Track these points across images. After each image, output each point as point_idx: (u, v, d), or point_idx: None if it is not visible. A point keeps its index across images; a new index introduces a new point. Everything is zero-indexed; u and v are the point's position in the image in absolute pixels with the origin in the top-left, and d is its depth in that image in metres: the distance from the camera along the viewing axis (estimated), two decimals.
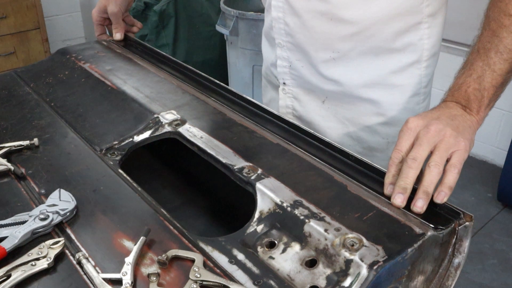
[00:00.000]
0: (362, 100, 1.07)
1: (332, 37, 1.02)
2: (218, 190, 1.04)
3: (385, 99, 1.06)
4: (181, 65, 1.16)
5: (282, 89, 1.16)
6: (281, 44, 1.09)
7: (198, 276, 0.61)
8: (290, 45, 1.08)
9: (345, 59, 1.04)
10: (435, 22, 1.03)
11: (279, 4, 1.05)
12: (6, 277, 0.61)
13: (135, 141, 0.90)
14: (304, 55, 1.07)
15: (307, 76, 1.09)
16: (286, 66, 1.12)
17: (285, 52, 1.10)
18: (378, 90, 1.06)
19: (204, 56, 3.12)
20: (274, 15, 1.07)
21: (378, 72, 1.05)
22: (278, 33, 1.08)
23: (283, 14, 1.05)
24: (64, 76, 1.15)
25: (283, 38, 1.08)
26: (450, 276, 0.66)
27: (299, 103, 1.15)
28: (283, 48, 1.09)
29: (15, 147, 0.88)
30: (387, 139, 1.09)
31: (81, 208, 0.74)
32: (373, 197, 0.72)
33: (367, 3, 0.97)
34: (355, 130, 1.09)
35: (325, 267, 0.62)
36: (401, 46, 1.03)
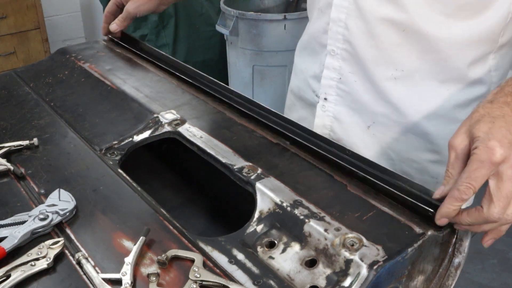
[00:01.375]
0: (417, 132, 0.95)
1: (400, 51, 0.90)
2: (218, 190, 1.04)
3: (443, 135, 0.93)
4: (181, 65, 1.16)
5: (322, 105, 1.02)
6: (334, 51, 0.96)
7: (197, 276, 0.61)
8: (346, 54, 0.95)
9: (409, 80, 0.92)
10: (502, 52, 0.92)
11: (343, 4, 0.92)
12: (6, 277, 0.61)
13: (135, 141, 0.90)
14: (360, 68, 0.95)
15: (358, 93, 0.97)
16: (334, 79, 0.99)
17: (337, 61, 0.97)
18: (437, 123, 0.93)
19: (204, 56, 3.11)
20: (334, 16, 0.94)
21: (441, 103, 0.92)
22: (333, 38, 0.95)
23: (345, 16, 0.92)
24: (64, 76, 1.15)
25: (339, 45, 0.95)
26: (450, 276, 0.66)
27: (340, 124, 1.01)
28: (335, 56, 0.96)
29: (14, 147, 0.88)
30: (436, 179, 0.97)
31: (80, 208, 0.74)
32: (373, 197, 0.72)
33: (450, 21, 0.85)
34: (401, 164, 0.98)
35: (325, 267, 0.62)
36: (472, 77, 0.91)
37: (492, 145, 0.60)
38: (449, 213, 0.63)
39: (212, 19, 3.04)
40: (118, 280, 0.61)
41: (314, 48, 1.04)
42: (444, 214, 0.63)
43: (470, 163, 0.61)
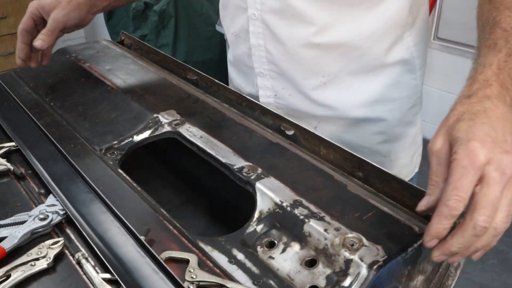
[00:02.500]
0: (360, 120, 1.00)
1: (320, 62, 0.95)
2: (217, 190, 1.04)
3: (384, 115, 1.00)
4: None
5: None
6: (263, 73, 1.00)
7: (194, 277, 0.61)
8: (274, 74, 0.99)
9: (336, 82, 0.97)
10: (416, 27, 0.97)
11: (258, 30, 0.96)
12: (6, 277, 0.61)
13: (135, 141, 0.90)
14: (290, 83, 1.00)
15: (296, 104, 1.02)
16: (270, 96, 1.03)
17: (268, 81, 1.01)
18: (376, 107, 0.99)
19: (204, 56, 3.11)
20: (254, 42, 0.98)
21: (373, 88, 0.98)
22: (258, 61, 0.99)
23: (263, 41, 0.96)
24: (64, 76, 1.15)
25: (265, 67, 0.99)
26: (450, 276, 0.66)
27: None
28: (265, 77, 1.00)
29: (14, 147, 0.88)
30: (389, 156, 1.03)
31: None
32: (373, 197, 0.72)
33: (355, 21, 0.91)
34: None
35: (324, 267, 0.62)
36: (393, 60, 0.97)
37: (473, 147, 0.54)
38: (439, 233, 0.55)
39: (212, 19, 3.04)
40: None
41: (243, 69, 1.07)
42: (434, 234, 0.55)
43: (452, 171, 0.54)
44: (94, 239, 0.66)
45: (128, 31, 3.06)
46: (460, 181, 0.53)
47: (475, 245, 0.55)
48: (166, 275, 0.59)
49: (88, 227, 0.68)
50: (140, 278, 0.60)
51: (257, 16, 0.95)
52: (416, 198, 0.70)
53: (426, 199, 0.58)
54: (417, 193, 0.70)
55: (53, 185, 0.77)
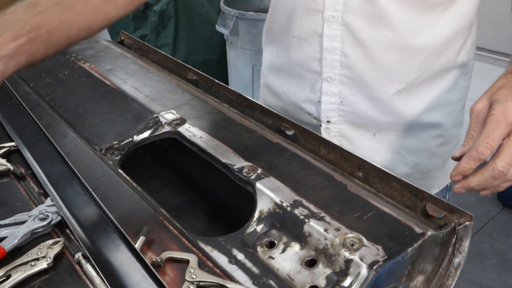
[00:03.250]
0: (423, 126, 0.99)
1: (401, 68, 0.94)
2: (218, 190, 1.04)
3: (444, 119, 1.00)
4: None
5: (326, 128, 1.02)
6: (332, 78, 0.96)
7: (194, 277, 0.61)
8: (344, 79, 0.96)
9: (410, 89, 0.96)
10: (473, 29, 0.98)
11: (335, 33, 0.92)
12: (6, 277, 0.61)
13: (135, 141, 0.90)
14: (362, 89, 0.96)
15: (362, 111, 0.98)
16: (335, 103, 0.99)
17: (335, 86, 0.97)
18: (437, 111, 0.99)
19: (204, 56, 3.12)
20: (328, 45, 0.94)
21: (437, 92, 0.97)
22: (329, 66, 0.95)
23: (341, 44, 0.93)
24: (64, 76, 1.15)
25: (336, 71, 0.95)
26: (450, 276, 0.66)
27: (348, 140, 1.02)
28: (333, 82, 0.96)
29: (14, 147, 0.88)
30: (444, 158, 1.03)
31: None
32: (373, 197, 0.72)
33: (434, 23, 0.90)
34: (412, 157, 1.02)
35: (325, 267, 0.62)
36: (460, 63, 0.97)
37: (508, 106, 0.66)
38: (465, 171, 0.67)
39: (212, 19, 3.04)
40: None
41: (299, 73, 1.02)
42: (460, 171, 0.68)
43: (487, 123, 0.66)
44: (86, 243, 0.66)
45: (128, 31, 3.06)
46: (492, 131, 0.65)
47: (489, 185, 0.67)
48: (156, 282, 0.59)
49: (81, 231, 0.68)
50: (130, 284, 0.60)
51: (336, 18, 0.91)
52: (416, 198, 0.70)
53: (461, 149, 0.70)
54: (417, 193, 0.71)
55: (50, 187, 0.77)
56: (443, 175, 1.06)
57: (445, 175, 1.06)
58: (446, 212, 0.67)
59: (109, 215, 0.69)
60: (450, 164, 1.02)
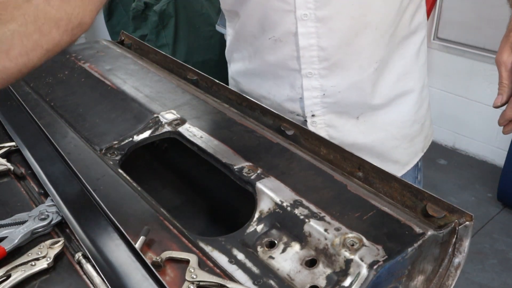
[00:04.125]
0: (399, 95, 1.03)
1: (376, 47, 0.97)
2: (218, 190, 1.04)
3: (415, 84, 1.05)
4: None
5: (312, 122, 1.03)
6: (311, 73, 0.97)
7: (194, 277, 0.61)
8: (324, 71, 0.97)
9: (383, 64, 0.99)
10: None
11: (310, 31, 0.93)
12: (6, 277, 0.61)
13: (135, 141, 0.90)
14: (342, 78, 0.98)
15: (344, 99, 1.00)
16: (317, 97, 1.00)
17: (316, 81, 0.98)
18: (408, 78, 1.03)
19: (204, 56, 3.12)
20: (304, 43, 0.95)
21: (403, 61, 1.01)
22: (308, 62, 0.96)
23: (317, 40, 0.94)
24: (64, 76, 1.15)
25: (315, 66, 0.96)
26: (450, 276, 0.66)
27: (335, 129, 1.04)
28: (313, 77, 0.98)
29: (15, 147, 0.88)
30: (421, 122, 1.08)
31: None
32: (373, 197, 0.72)
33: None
34: (398, 130, 1.05)
35: (325, 267, 0.62)
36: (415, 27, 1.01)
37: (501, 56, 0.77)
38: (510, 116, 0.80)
39: (212, 19, 3.04)
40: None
41: (277, 74, 1.02)
42: (508, 117, 0.81)
43: None
44: (86, 243, 0.66)
45: (128, 31, 3.06)
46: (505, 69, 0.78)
47: None
48: (156, 282, 0.59)
49: (81, 230, 0.68)
50: (130, 284, 0.60)
51: (308, 16, 0.92)
52: (416, 198, 0.70)
53: (499, 98, 0.82)
54: (417, 193, 0.71)
55: (50, 187, 0.77)
56: (423, 138, 1.11)
57: (425, 137, 1.12)
58: (446, 212, 0.67)
59: (109, 215, 0.69)
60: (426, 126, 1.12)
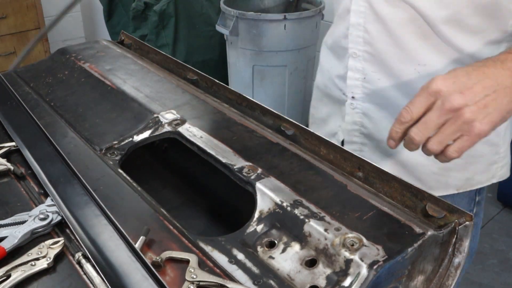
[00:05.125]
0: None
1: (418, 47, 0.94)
2: (218, 190, 1.04)
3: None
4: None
5: (350, 103, 1.04)
6: (356, 54, 0.99)
7: (194, 277, 0.61)
8: (368, 55, 0.99)
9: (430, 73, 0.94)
10: None
11: (360, 9, 0.95)
12: (6, 277, 0.61)
13: (135, 141, 0.90)
14: (382, 67, 0.98)
15: (384, 90, 0.99)
16: (358, 79, 1.01)
17: (359, 62, 1.00)
18: None
19: (204, 56, 3.12)
20: (353, 21, 0.97)
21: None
22: (354, 41, 0.99)
23: (364, 20, 0.96)
24: (64, 76, 1.15)
25: (360, 47, 0.98)
26: (450, 276, 0.66)
27: (370, 120, 1.04)
28: (357, 58, 1.00)
29: (15, 147, 0.88)
30: (465, 159, 0.98)
31: None
32: (373, 197, 0.72)
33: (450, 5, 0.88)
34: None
35: (325, 267, 0.62)
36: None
37: (435, 78, 0.69)
38: (392, 135, 0.74)
39: (212, 19, 3.04)
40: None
41: (337, 51, 1.07)
42: (389, 135, 0.74)
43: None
44: (86, 243, 0.66)
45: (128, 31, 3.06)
46: (415, 98, 0.70)
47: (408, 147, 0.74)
48: (156, 282, 0.59)
49: (82, 230, 0.68)
50: (130, 284, 0.60)
51: None
52: (416, 198, 0.70)
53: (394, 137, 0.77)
54: (417, 193, 0.71)
55: (50, 187, 0.77)
56: (462, 177, 1.04)
57: (467, 179, 1.04)
58: (446, 212, 0.67)
59: (109, 215, 0.69)
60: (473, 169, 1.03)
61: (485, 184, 1.07)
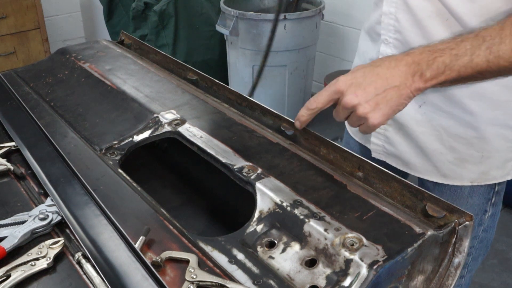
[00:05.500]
0: (464, 110, 1.00)
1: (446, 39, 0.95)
2: (218, 190, 1.04)
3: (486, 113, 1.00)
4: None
5: None
6: (387, 40, 1.05)
7: (194, 277, 0.61)
8: (397, 43, 1.03)
9: None
10: None
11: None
12: (6, 277, 0.61)
13: (135, 141, 0.90)
14: None
15: None
16: None
17: (390, 49, 1.05)
18: (481, 103, 0.99)
19: (204, 56, 3.12)
20: (385, 10, 1.03)
21: (485, 83, 0.92)
22: (386, 29, 1.04)
23: (395, 10, 1.01)
24: (64, 76, 1.15)
25: (391, 35, 1.04)
26: (450, 276, 0.66)
27: None
28: (388, 45, 1.05)
29: (14, 147, 0.88)
30: (482, 153, 1.04)
31: None
32: (373, 197, 0.72)
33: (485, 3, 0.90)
34: (449, 140, 1.04)
35: (325, 267, 0.62)
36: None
37: (339, 78, 0.80)
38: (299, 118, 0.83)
39: (212, 19, 3.04)
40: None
41: (372, 36, 1.13)
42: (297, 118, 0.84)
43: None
44: (86, 243, 0.66)
45: (128, 31, 3.06)
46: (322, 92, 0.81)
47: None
48: (156, 282, 0.59)
49: (81, 230, 0.68)
50: (130, 284, 0.60)
51: None
52: (416, 198, 0.70)
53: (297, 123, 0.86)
54: (417, 193, 0.71)
55: (50, 187, 0.77)
56: (478, 171, 1.06)
57: (482, 173, 1.06)
58: (446, 212, 0.67)
59: (109, 215, 0.69)
60: (488, 163, 1.05)
61: (500, 180, 1.09)
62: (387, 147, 1.10)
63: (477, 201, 1.08)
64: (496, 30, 0.79)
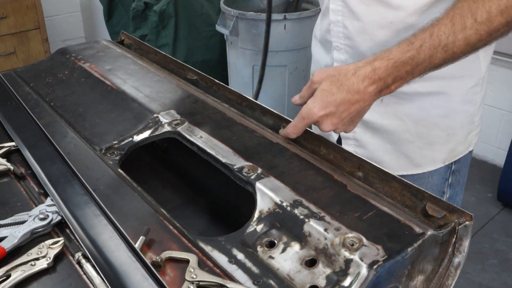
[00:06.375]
0: (422, 93, 1.04)
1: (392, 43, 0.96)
2: (218, 190, 1.04)
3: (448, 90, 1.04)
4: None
5: None
6: (339, 47, 1.08)
7: (194, 277, 0.61)
8: (348, 48, 1.07)
9: None
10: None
11: (338, 8, 1.04)
12: (6, 277, 0.61)
13: (135, 141, 0.90)
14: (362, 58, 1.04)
15: None
16: None
17: (342, 55, 1.09)
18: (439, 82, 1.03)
19: (204, 56, 3.12)
20: (333, 19, 1.06)
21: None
22: (336, 36, 1.08)
23: (342, 18, 1.04)
24: (64, 76, 1.15)
25: (341, 41, 1.07)
26: (450, 276, 0.66)
27: None
28: (340, 51, 1.09)
29: (15, 147, 0.88)
30: (447, 131, 1.08)
31: None
32: (373, 197, 0.72)
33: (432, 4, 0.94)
34: (415, 126, 1.08)
35: (325, 267, 0.62)
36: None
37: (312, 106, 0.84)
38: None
39: (212, 19, 3.04)
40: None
41: (324, 44, 1.17)
42: (284, 134, 0.88)
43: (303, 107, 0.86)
44: (86, 243, 0.66)
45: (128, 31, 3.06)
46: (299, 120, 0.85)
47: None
48: (156, 282, 0.59)
49: (81, 230, 0.68)
50: (130, 284, 0.60)
51: None
52: (416, 198, 0.70)
53: (297, 99, 0.90)
54: (417, 193, 0.71)
55: (50, 187, 0.77)
56: (447, 150, 1.10)
57: (450, 151, 1.10)
58: (446, 212, 0.67)
59: (109, 215, 0.69)
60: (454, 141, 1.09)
61: (465, 153, 1.13)
62: (359, 151, 1.12)
63: (436, 181, 1.12)
64: (448, 27, 0.81)
